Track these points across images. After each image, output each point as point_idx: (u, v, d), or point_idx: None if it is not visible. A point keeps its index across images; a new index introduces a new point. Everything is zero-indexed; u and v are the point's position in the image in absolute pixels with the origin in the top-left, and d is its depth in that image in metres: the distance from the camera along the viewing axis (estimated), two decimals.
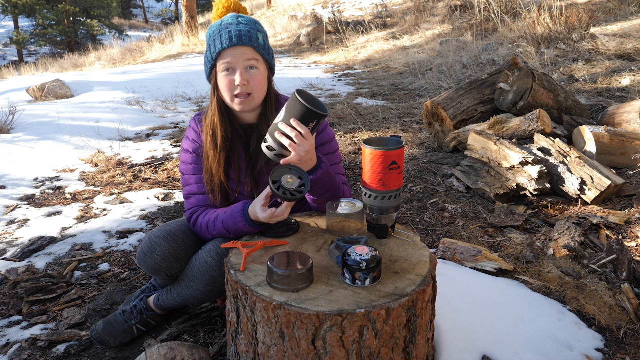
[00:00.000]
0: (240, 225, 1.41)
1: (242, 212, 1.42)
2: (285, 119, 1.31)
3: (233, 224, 1.43)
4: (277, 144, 1.33)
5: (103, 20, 24.06)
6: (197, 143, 1.57)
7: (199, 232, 1.55)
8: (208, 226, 1.50)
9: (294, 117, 1.29)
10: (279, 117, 1.34)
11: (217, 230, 1.48)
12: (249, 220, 1.40)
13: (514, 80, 3.37)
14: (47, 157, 3.96)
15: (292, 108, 1.30)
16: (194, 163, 1.58)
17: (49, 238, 2.55)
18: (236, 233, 1.44)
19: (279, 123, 1.32)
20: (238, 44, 1.42)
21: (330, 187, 1.47)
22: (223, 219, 1.46)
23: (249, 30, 1.45)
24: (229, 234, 1.46)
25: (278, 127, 1.32)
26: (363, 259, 1.13)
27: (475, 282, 1.87)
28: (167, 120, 5.28)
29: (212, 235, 1.51)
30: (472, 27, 8.08)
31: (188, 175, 1.59)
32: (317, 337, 1.07)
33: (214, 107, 1.52)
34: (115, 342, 1.64)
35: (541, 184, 2.56)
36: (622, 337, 1.58)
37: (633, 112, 3.15)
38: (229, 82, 1.45)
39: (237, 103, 1.47)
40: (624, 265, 1.88)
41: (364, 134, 4.20)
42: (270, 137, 1.34)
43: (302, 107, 1.27)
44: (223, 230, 1.46)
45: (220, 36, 1.44)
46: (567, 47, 5.64)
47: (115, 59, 13.90)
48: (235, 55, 1.43)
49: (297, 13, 16.51)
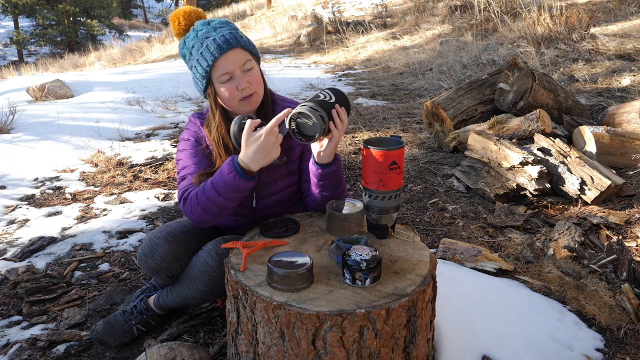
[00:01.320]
0: (230, 177, 1.30)
1: (231, 161, 1.32)
2: (336, 101, 1.37)
3: (221, 179, 1.32)
4: (330, 117, 1.34)
5: (103, 20, 24.06)
6: (197, 133, 1.55)
7: (188, 209, 1.41)
8: (197, 195, 1.38)
9: (341, 104, 1.38)
10: (325, 97, 1.37)
11: (206, 196, 1.35)
12: (239, 169, 1.30)
13: (514, 80, 3.37)
14: (47, 157, 3.96)
15: (341, 98, 1.39)
16: (192, 148, 1.53)
17: (49, 238, 2.55)
18: (227, 192, 1.33)
19: (335, 104, 1.36)
20: (228, 48, 1.39)
21: (340, 182, 1.49)
22: (212, 180, 1.36)
23: (230, 31, 1.42)
24: (219, 196, 1.33)
25: (336, 107, 1.35)
26: (363, 259, 1.13)
27: (475, 282, 1.87)
28: (167, 120, 5.28)
29: (201, 205, 1.37)
30: (472, 27, 8.08)
31: (186, 158, 1.53)
32: (317, 337, 1.07)
33: (218, 120, 1.48)
34: (115, 342, 1.64)
35: (541, 184, 2.56)
36: (622, 337, 1.58)
37: (633, 112, 3.15)
38: (232, 91, 1.43)
39: (244, 105, 1.46)
40: (624, 265, 1.88)
41: (364, 134, 4.20)
42: (326, 112, 1.33)
43: (347, 102, 1.41)
44: (212, 192, 1.34)
45: (207, 48, 1.39)
46: (567, 47, 5.64)
47: (115, 59, 13.91)
48: (230, 62, 1.40)
49: (297, 13, 16.51)
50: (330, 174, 1.44)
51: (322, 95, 1.38)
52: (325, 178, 1.45)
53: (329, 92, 1.39)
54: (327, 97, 1.37)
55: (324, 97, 1.37)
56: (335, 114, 1.34)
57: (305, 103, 1.33)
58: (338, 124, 1.34)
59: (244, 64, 1.43)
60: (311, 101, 1.35)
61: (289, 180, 1.59)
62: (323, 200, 1.51)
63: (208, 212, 1.38)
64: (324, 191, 1.48)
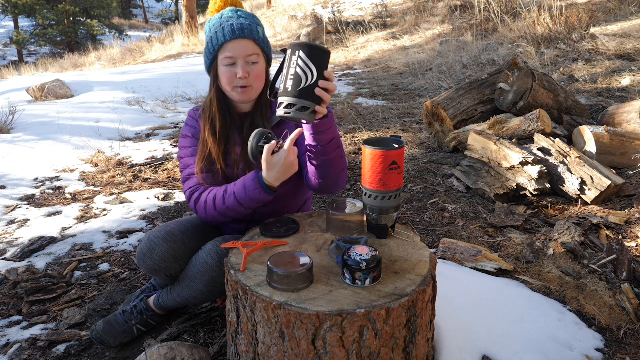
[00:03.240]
0: (256, 193, 1.40)
1: (257, 178, 1.40)
2: (320, 74, 1.25)
3: (246, 194, 1.42)
4: (316, 101, 1.27)
5: (103, 20, 24.06)
6: (196, 128, 1.61)
7: (201, 209, 1.50)
8: (215, 201, 1.47)
9: (325, 68, 1.27)
10: (306, 76, 1.25)
11: (227, 205, 1.45)
12: (264, 187, 1.40)
13: (514, 80, 3.37)
14: (47, 157, 3.95)
15: (319, 60, 1.26)
16: (193, 146, 1.59)
17: (49, 238, 2.55)
18: (250, 204, 1.43)
19: (319, 81, 1.25)
20: (240, 36, 1.45)
21: (338, 147, 1.41)
22: (234, 190, 1.44)
23: (250, 23, 1.49)
24: (241, 206, 1.44)
25: (318, 84, 1.25)
26: (363, 259, 1.13)
27: (475, 282, 1.87)
28: (167, 120, 5.28)
29: (220, 211, 1.46)
30: (472, 27, 8.08)
31: (188, 157, 1.59)
32: (317, 337, 1.07)
33: (213, 96, 1.55)
34: (115, 342, 1.64)
35: (541, 184, 2.56)
36: (622, 337, 1.58)
37: (633, 112, 3.15)
38: (231, 75, 1.48)
39: (237, 93, 1.50)
40: (624, 265, 1.88)
41: (364, 134, 4.20)
42: (307, 98, 1.25)
43: (326, 54, 1.27)
44: (235, 203, 1.43)
45: (223, 29, 1.46)
46: (567, 47, 5.64)
47: (115, 59, 13.90)
48: (237, 48, 1.46)
49: (297, 13, 16.51)
50: (321, 124, 1.35)
51: (302, 74, 1.25)
52: (317, 130, 1.36)
53: (310, 68, 1.25)
54: (309, 77, 1.26)
55: (305, 78, 1.25)
56: (320, 92, 1.25)
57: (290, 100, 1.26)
58: (326, 97, 1.27)
59: (250, 55, 1.48)
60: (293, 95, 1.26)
61: None
62: (322, 170, 1.43)
63: (225, 217, 1.49)
64: (324, 156, 1.40)
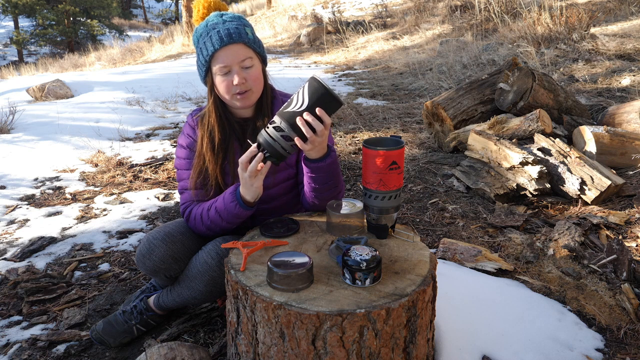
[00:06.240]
0: (231, 206, 1.41)
1: (234, 192, 1.41)
2: (311, 108, 1.23)
3: (224, 207, 1.43)
4: (295, 131, 1.25)
5: (103, 20, 24.06)
6: (192, 138, 1.58)
7: (193, 225, 1.53)
8: (202, 216, 1.49)
9: (320, 106, 1.23)
10: (297, 103, 1.25)
11: (210, 219, 1.47)
12: (239, 200, 1.39)
13: (514, 80, 3.37)
14: (47, 157, 3.95)
15: (318, 96, 1.22)
16: (188, 158, 1.58)
17: (49, 238, 2.55)
18: (228, 218, 1.44)
19: (304, 113, 1.23)
20: (229, 42, 1.41)
21: (335, 176, 1.44)
22: (216, 205, 1.46)
23: (237, 26, 1.44)
24: (221, 221, 1.45)
25: (303, 116, 1.23)
26: (363, 259, 1.13)
27: (475, 282, 1.87)
28: (167, 120, 5.28)
29: (206, 226, 1.49)
30: (472, 27, 8.08)
31: (182, 170, 1.59)
32: (317, 337, 1.07)
33: (211, 108, 1.52)
34: (115, 342, 1.64)
35: (541, 184, 2.56)
36: (622, 337, 1.58)
37: (633, 112, 3.15)
38: (228, 84, 1.45)
39: (237, 100, 1.48)
40: (624, 265, 1.88)
41: (364, 134, 4.20)
42: (287, 123, 1.25)
43: (331, 98, 1.22)
44: (216, 216, 1.46)
45: (210, 38, 1.42)
46: (567, 47, 5.64)
47: (115, 59, 13.91)
48: (229, 55, 1.42)
49: (297, 13, 16.51)
50: (317, 169, 1.40)
51: (295, 99, 1.26)
52: (316, 171, 1.41)
53: (302, 95, 1.24)
54: (298, 103, 1.25)
55: (295, 102, 1.25)
56: (302, 122, 1.23)
57: (269, 123, 1.29)
58: (308, 133, 1.24)
59: (243, 60, 1.44)
60: (278, 114, 1.27)
61: (286, 174, 1.59)
62: (315, 193, 1.47)
63: (212, 230, 1.51)
64: (314, 183, 1.44)
